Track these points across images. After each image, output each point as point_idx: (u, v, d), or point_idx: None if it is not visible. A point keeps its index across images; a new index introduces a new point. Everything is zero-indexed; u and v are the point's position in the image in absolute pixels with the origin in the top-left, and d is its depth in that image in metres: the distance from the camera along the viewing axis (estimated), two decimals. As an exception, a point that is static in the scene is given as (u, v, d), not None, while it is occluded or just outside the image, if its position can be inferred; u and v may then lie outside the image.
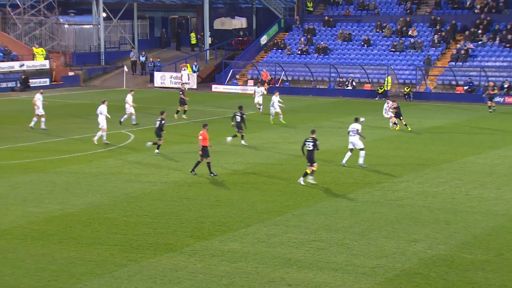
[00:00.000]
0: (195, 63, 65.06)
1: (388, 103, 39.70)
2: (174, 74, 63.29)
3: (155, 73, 64.13)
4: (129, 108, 39.58)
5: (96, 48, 69.22)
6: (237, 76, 64.47)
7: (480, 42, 59.39)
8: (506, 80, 54.75)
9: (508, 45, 58.01)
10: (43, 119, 37.95)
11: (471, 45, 58.67)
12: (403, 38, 62.46)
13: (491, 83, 53.24)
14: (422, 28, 63.63)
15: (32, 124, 37.75)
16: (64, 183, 26.06)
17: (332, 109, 49.68)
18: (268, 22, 72.36)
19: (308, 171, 25.88)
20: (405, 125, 38.73)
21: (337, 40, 65.29)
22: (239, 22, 77.00)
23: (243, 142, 33.37)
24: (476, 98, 53.25)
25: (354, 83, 58.67)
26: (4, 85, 58.02)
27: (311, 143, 25.71)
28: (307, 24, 67.59)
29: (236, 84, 62.37)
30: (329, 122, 41.95)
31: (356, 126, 28.83)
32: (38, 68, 61.91)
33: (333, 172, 28.32)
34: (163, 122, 31.39)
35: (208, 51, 70.46)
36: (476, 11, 62.67)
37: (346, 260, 18.00)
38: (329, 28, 67.13)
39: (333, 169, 28.80)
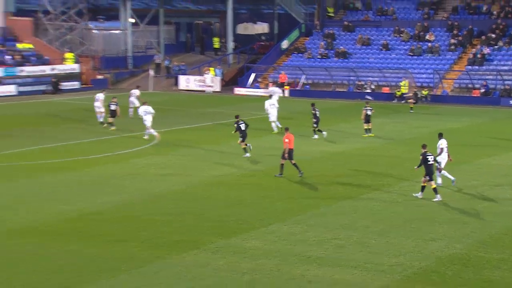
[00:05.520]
0: (219, 66, 65.12)
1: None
2: (198, 77, 63.47)
3: (180, 76, 64.40)
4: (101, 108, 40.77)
5: (124, 52, 69.56)
6: (259, 79, 64.47)
7: (496, 47, 58.87)
8: (522, 83, 54.28)
9: (523, 49, 57.47)
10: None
11: (487, 50, 58.15)
12: (420, 43, 62.07)
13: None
14: (440, 33, 63.17)
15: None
16: (93, 182, 26.21)
17: (351, 111, 49.41)
18: (289, 27, 72.26)
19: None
20: None
21: (356, 44, 65.04)
22: (261, 27, 76.97)
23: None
24: (492, 100, 52.95)
25: (372, 86, 58.41)
26: (36, 88, 58.45)
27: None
28: (327, 29, 67.41)
29: (258, 87, 62.37)
30: (346, 124, 41.79)
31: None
32: (68, 71, 62.31)
33: (354, 173, 28.21)
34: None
35: (231, 55, 70.51)
36: (492, 16, 62.15)
37: (365, 258, 17.91)
38: (349, 33, 66.88)
39: (350, 172, 28.68)
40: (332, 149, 33.33)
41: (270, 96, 42.40)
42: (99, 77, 64.18)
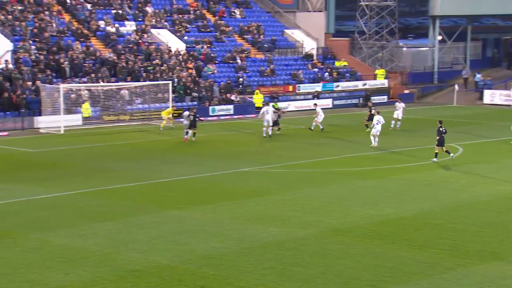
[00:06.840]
0: (525, 81, 61.09)
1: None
2: (504, 92, 60.17)
3: (485, 91, 61.73)
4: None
5: (430, 68, 68.66)
6: None
7: None
8: None
9: None
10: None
11: None
12: None
13: None
14: None
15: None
16: (397, 189, 26.14)
17: None
18: None
19: None
20: None
21: None
22: None
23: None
24: None
25: None
26: (349, 101, 60.27)
27: None
28: None
29: None
30: None
31: None
32: (378, 86, 63.23)
33: None
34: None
35: (540, 70, 65.65)
36: None
37: None
38: None
39: None
40: None
41: None
42: (406, 91, 64.06)
